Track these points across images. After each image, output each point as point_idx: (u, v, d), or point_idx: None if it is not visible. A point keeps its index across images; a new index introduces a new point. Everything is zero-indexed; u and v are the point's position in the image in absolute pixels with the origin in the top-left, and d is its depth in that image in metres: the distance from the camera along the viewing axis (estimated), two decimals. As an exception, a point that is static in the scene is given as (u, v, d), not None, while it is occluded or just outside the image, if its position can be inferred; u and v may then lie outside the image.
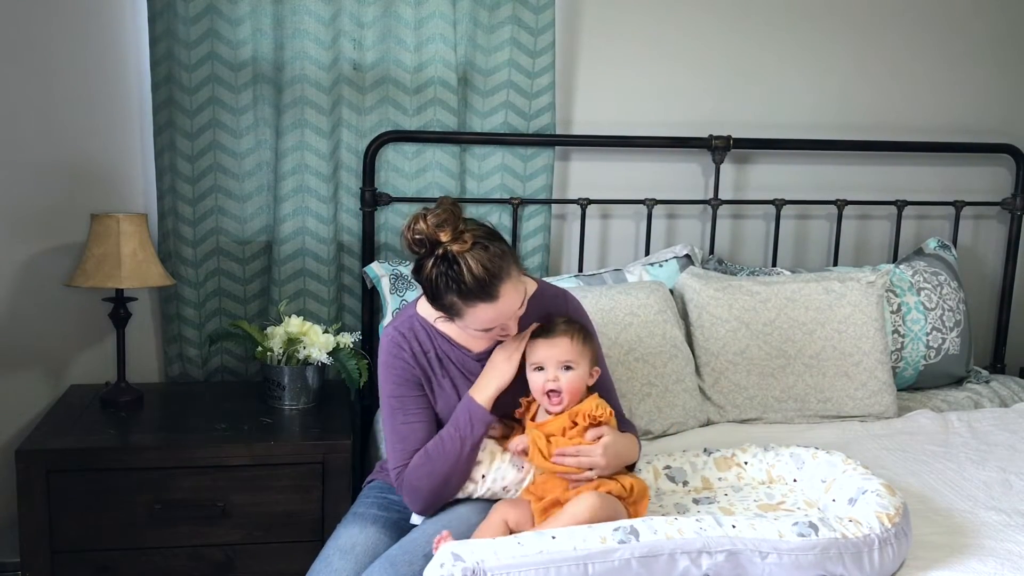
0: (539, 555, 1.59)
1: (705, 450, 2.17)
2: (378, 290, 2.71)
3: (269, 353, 2.55)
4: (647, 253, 3.00)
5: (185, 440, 2.36)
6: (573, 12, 2.92)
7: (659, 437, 2.49)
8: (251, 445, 2.34)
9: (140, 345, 2.82)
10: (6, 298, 2.74)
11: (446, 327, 1.99)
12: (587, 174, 3.00)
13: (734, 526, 1.68)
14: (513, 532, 1.78)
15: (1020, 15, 3.22)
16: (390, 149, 2.81)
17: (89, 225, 2.56)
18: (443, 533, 1.71)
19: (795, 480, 2.08)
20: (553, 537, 1.63)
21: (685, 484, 2.11)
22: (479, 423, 1.90)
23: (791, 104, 3.10)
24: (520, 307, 1.88)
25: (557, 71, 2.88)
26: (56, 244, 2.73)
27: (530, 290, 2.01)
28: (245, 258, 2.80)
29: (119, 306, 2.56)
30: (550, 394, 1.89)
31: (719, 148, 2.96)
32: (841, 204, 3.11)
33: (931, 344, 2.89)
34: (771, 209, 3.10)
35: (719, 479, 2.12)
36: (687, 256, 2.89)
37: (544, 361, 1.90)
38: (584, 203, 2.94)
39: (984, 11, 3.18)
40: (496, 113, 2.85)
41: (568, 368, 1.89)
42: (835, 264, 3.14)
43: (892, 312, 2.87)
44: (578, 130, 2.98)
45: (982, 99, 3.24)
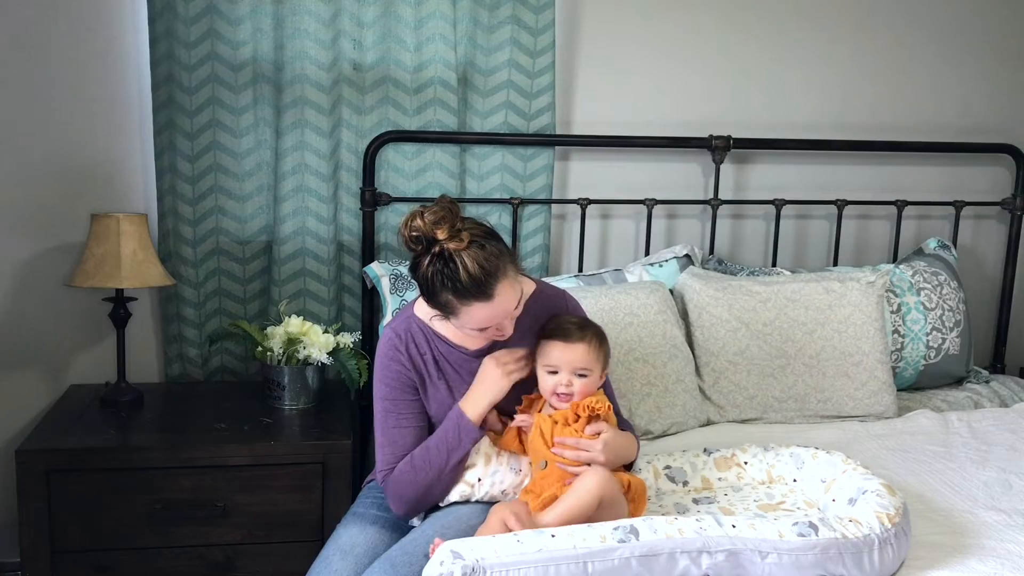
0: (539, 553, 1.59)
1: (705, 450, 2.17)
2: (378, 290, 2.71)
3: (269, 353, 2.55)
4: (647, 253, 3.00)
5: (185, 440, 2.36)
6: (573, 12, 2.92)
7: (659, 437, 2.49)
8: (251, 445, 2.34)
9: (140, 345, 2.82)
10: (6, 298, 2.74)
11: (442, 326, 1.98)
12: (587, 174, 3.00)
13: (734, 526, 1.68)
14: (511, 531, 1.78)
15: (1020, 15, 3.22)
16: (390, 149, 2.81)
17: (89, 225, 2.56)
18: (436, 541, 1.69)
19: (795, 480, 2.08)
20: (553, 535, 1.63)
21: (685, 484, 2.11)
22: (467, 438, 1.89)
23: (791, 104, 3.10)
24: (516, 307, 1.87)
25: (557, 71, 2.88)
26: (56, 244, 2.73)
27: (528, 290, 2.00)
28: (245, 258, 2.80)
29: (119, 306, 2.56)
30: (559, 395, 1.89)
31: (719, 148, 2.96)
32: (841, 204, 3.10)
33: (931, 344, 2.89)
34: (771, 209, 3.10)
35: (719, 479, 2.12)
36: (687, 256, 2.89)
37: (559, 365, 1.88)
38: (584, 203, 2.94)
39: (984, 11, 3.18)
40: (496, 113, 2.85)
41: (582, 375, 1.88)
42: (835, 264, 3.14)
43: (892, 312, 2.87)
44: (578, 130, 2.98)
45: (982, 99, 3.24)
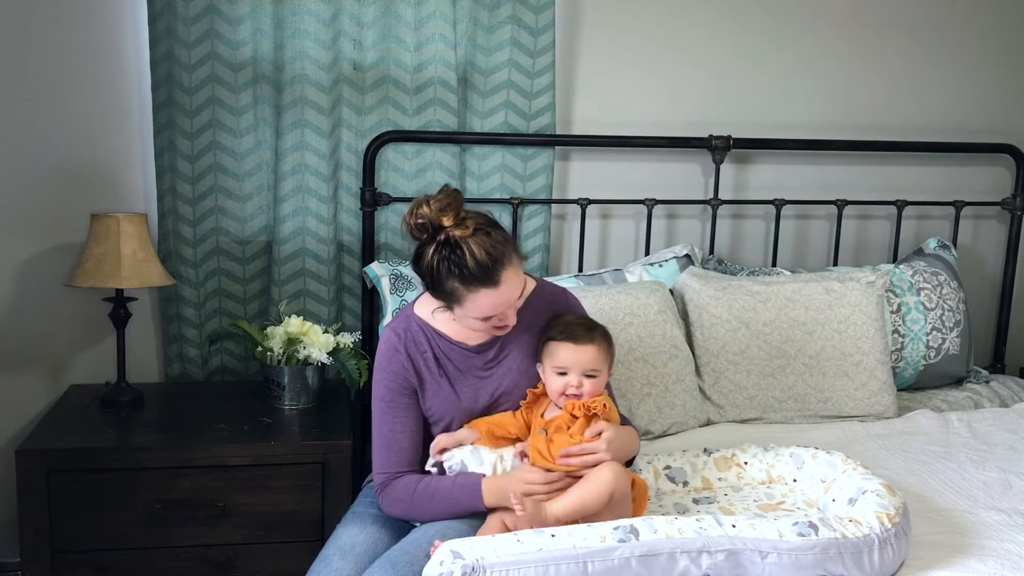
0: (539, 552, 1.59)
1: (705, 450, 2.17)
2: (378, 290, 2.71)
3: (269, 353, 2.55)
4: (647, 253, 3.00)
5: (185, 440, 2.36)
6: (573, 12, 2.92)
7: (659, 437, 2.49)
8: (251, 445, 2.34)
9: (140, 345, 2.82)
10: (6, 298, 2.74)
11: (443, 321, 1.99)
12: (587, 174, 3.00)
13: (734, 526, 1.68)
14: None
15: (1020, 15, 3.22)
16: (390, 149, 2.81)
17: (89, 225, 2.56)
18: (435, 543, 1.69)
19: (795, 480, 2.08)
20: (552, 535, 1.63)
21: (685, 484, 2.11)
22: (472, 509, 1.88)
23: (791, 104, 3.10)
24: (519, 297, 1.88)
25: (557, 71, 2.88)
26: (56, 244, 2.73)
27: (529, 288, 2.01)
28: (245, 258, 2.80)
29: (119, 306, 2.56)
30: (568, 396, 1.89)
31: (719, 148, 2.96)
32: (841, 204, 3.10)
33: (931, 344, 2.89)
34: (771, 209, 3.10)
35: (719, 479, 2.12)
36: (687, 256, 2.89)
37: (569, 367, 1.89)
38: (584, 203, 2.94)
39: (984, 11, 3.18)
40: (496, 113, 2.84)
41: (591, 376, 1.89)
42: (835, 264, 3.13)
43: (892, 312, 2.87)
44: (578, 130, 2.98)
45: (982, 99, 3.24)
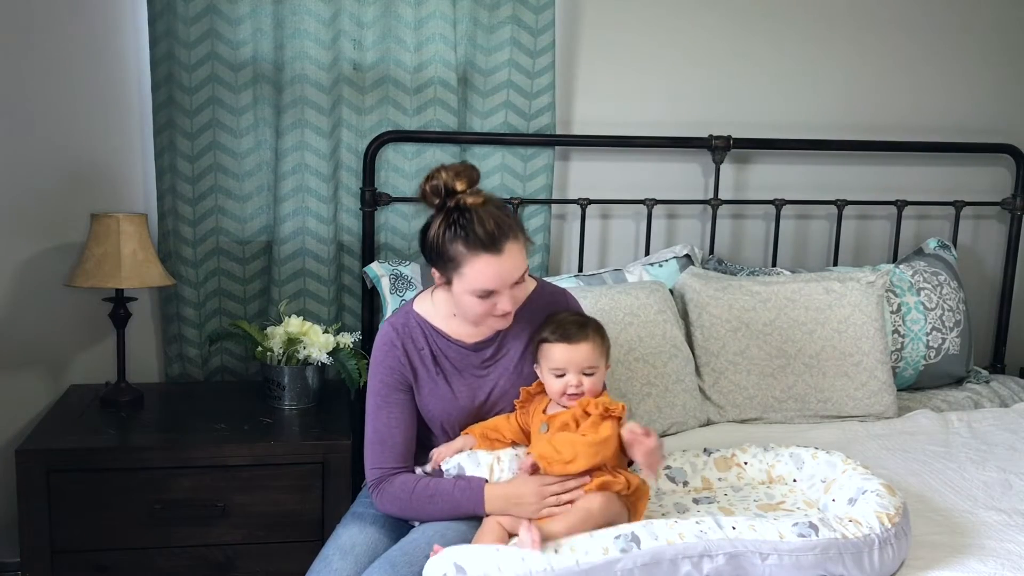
0: (544, 573, 1.58)
1: (705, 450, 2.17)
2: (378, 290, 2.71)
3: (269, 353, 2.55)
4: (647, 253, 3.00)
5: (185, 440, 2.36)
6: (573, 12, 2.92)
7: (659, 437, 2.48)
8: (251, 445, 2.34)
9: (140, 345, 2.82)
10: (6, 298, 2.74)
11: (442, 317, 1.99)
12: (587, 174, 3.00)
13: (734, 528, 1.68)
14: (510, 535, 1.79)
15: (1020, 15, 3.22)
16: (390, 149, 2.81)
17: (89, 225, 2.56)
18: (435, 548, 1.69)
19: (795, 480, 2.08)
20: (556, 551, 1.63)
21: (685, 484, 2.11)
22: (472, 513, 1.88)
23: (791, 104, 3.10)
24: (520, 280, 1.88)
25: (557, 71, 2.88)
26: (56, 244, 2.73)
27: (529, 287, 2.02)
28: (245, 258, 2.80)
29: (119, 306, 2.56)
30: (570, 396, 1.89)
31: (719, 148, 2.95)
32: (841, 204, 3.10)
33: (931, 344, 2.89)
34: (771, 209, 3.10)
35: (719, 479, 2.12)
36: (687, 256, 2.89)
37: (565, 367, 1.89)
38: (584, 203, 2.94)
39: (984, 11, 3.18)
40: (496, 113, 2.84)
41: (589, 373, 1.89)
42: (835, 264, 3.14)
43: (892, 312, 2.87)
44: (578, 130, 2.98)
45: (982, 99, 3.24)
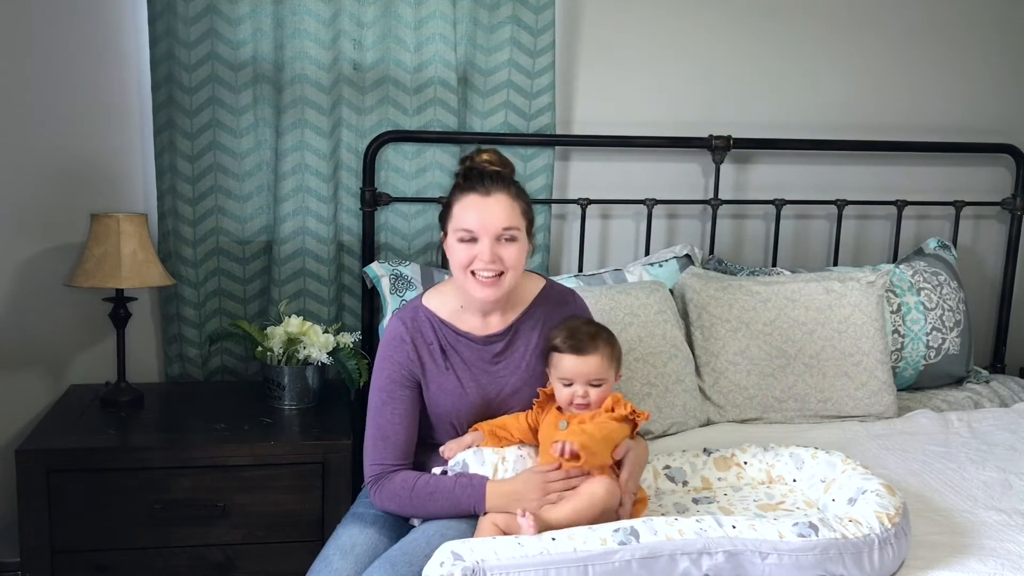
0: (539, 556, 1.59)
1: (705, 450, 2.17)
2: (378, 290, 2.71)
3: (269, 353, 2.55)
4: (647, 253, 3.00)
5: (185, 440, 2.36)
6: (573, 12, 2.92)
7: (659, 437, 2.49)
8: (251, 445, 2.34)
9: (140, 345, 2.82)
10: (6, 298, 2.74)
11: (451, 312, 2.01)
12: (587, 174, 3.00)
13: (734, 527, 1.68)
14: (506, 535, 1.78)
15: (1020, 15, 3.22)
16: (390, 149, 2.81)
17: (89, 225, 2.56)
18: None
19: (795, 480, 2.08)
20: (553, 539, 1.63)
21: (685, 484, 2.11)
22: (472, 511, 1.88)
23: (791, 104, 3.10)
24: (507, 235, 1.90)
25: (557, 71, 2.88)
26: (56, 244, 2.73)
27: (537, 286, 2.05)
28: (245, 258, 2.80)
29: (119, 306, 2.56)
30: (577, 405, 1.90)
31: (719, 148, 2.95)
32: (841, 204, 3.10)
33: (931, 344, 2.89)
34: (771, 209, 3.10)
35: (719, 479, 2.12)
36: (687, 256, 2.89)
37: (573, 377, 1.90)
38: (584, 203, 2.94)
39: (984, 11, 3.18)
40: (496, 113, 2.84)
41: (596, 384, 1.90)
42: (835, 264, 3.14)
43: (892, 312, 2.87)
44: (578, 130, 2.98)
45: (982, 99, 3.24)
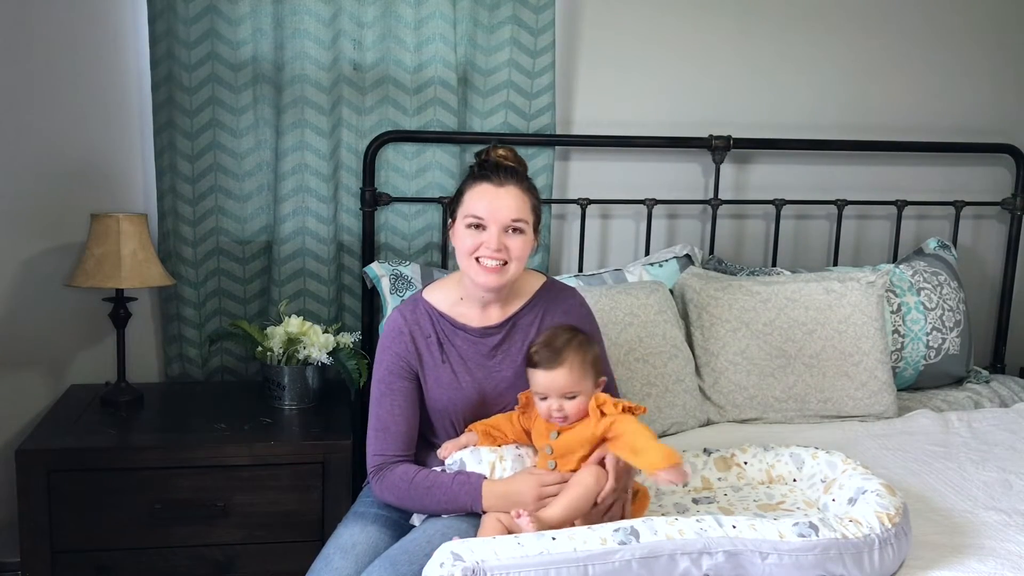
0: (539, 556, 1.59)
1: (705, 450, 2.18)
2: (378, 290, 2.71)
3: (269, 353, 2.55)
4: (647, 253, 3.00)
5: (185, 440, 2.36)
6: (573, 12, 2.92)
7: (659, 437, 2.48)
8: (251, 445, 2.34)
9: (140, 345, 2.81)
10: (6, 298, 2.73)
11: (450, 303, 2.02)
12: (587, 174, 3.00)
13: (734, 526, 1.68)
14: (510, 532, 1.79)
15: (1020, 15, 3.22)
16: (390, 149, 2.81)
17: (89, 225, 2.56)
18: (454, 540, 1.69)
19: (795, 480, 2.08)
20: (553, 538, 1.63)
21: (685, 484, 2.11)
22: (469, 509, 1.88)
23: (791, 104, 3.10)
24: (514, 227, 1.91)
25: (557, 71, 2.88)
26: (56, 244, 2.73)
27: (537, 283, 2.06)
28: (245, 258, 2.80)
29: (119, 306, 2.56)
30: (554, 419, 1.90)
31: (719, 148, 2.95)
32: (841, 204, 3.10)
33: (931, 344, 2.89)
34: (771, 209, 3.10)
35: (719, 479, 2.12)
36: (687, 256, 2.89)
37: (546, 392, 1.89)
38: (584, 203, 2.94)
39: (984, 11, 3.18)
40: (496, 113, 2.84)
41: (571, 397, 1.88)
42: (835, 264, 3.14)
43: (892, 312, 2.87)
44: (578, 130, 2.98)
45: (982, 99, 3.24)
